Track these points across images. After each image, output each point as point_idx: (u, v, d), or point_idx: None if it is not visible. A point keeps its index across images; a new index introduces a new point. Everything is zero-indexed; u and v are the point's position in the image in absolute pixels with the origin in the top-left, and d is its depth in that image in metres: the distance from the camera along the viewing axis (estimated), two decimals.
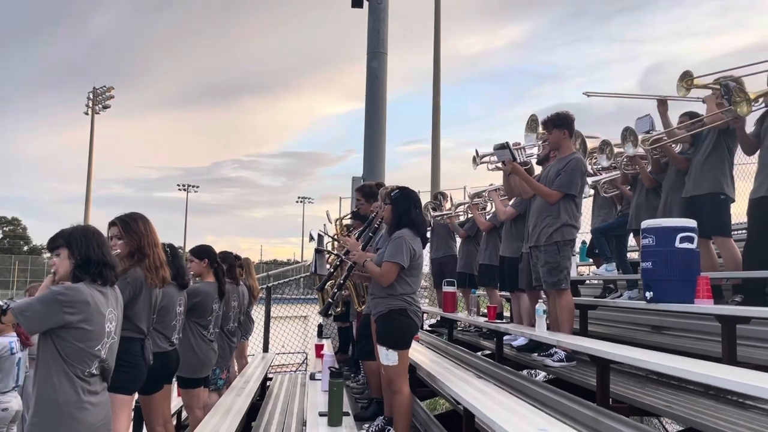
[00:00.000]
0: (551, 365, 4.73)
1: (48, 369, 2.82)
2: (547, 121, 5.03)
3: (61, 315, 2.79)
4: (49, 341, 2.83)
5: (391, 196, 4.21)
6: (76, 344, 2.83)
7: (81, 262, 2.97)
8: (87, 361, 2.87)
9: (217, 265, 5.29)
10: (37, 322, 2.81)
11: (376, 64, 12.16)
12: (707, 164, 4.77)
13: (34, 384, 2.89)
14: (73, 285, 2.91)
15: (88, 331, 2.86)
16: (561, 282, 4.79)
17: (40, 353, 2.88)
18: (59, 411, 2.79)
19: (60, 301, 2.80)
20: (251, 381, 6.32)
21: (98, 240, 3.08)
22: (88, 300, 2.87)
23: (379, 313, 4.00)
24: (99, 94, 38.97)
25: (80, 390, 2.85)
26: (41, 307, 2.79)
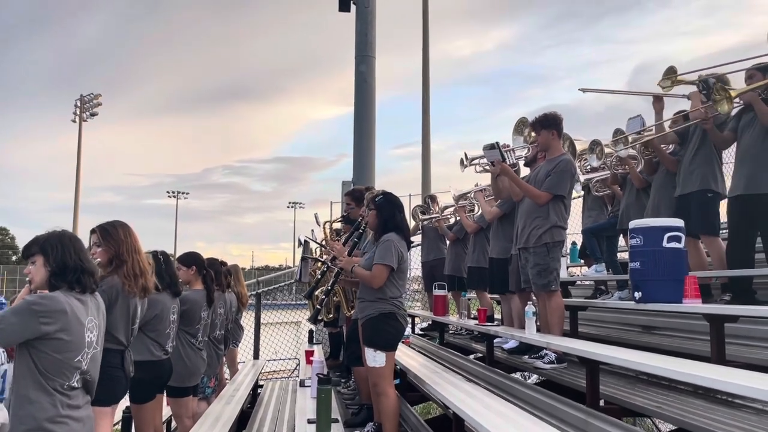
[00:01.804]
0: (542, 367, 4.72)
1: (24, 383, 2.71)
2: (536, 122, 5.03)
3: (37, 326, 2.67)
4: (26, 353, 2.72)
5: (376, 201, 4.21)
6: (53, 355, 2.72)
7: (57, 270, 2.86)
8: (66, 374, 2.77)
9: (206, 273, 5.25)
10: (11, 334, 2.69)
11: (364, 68, 12.15)
12: (695, 162, 4.78)
13: (11, 399, 2.79)
14: (49, 294, 2.81)
15: (66, 342, 2.75)
16: (551, 284, 4.78)
17: (16, 366, 2.76)
18: (36, 427, 2.68)
19: (35, 311, 2.68)
20: (241, 388, 6.26)
21: (75, 246, 2.97)
22: (65, 309, 2.76)
23: (368, 317, 3.98)
24: (86, 102, 38.80)
25: (59, 404, 2.74)
26: (15, 319, 2.68)
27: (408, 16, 30.05)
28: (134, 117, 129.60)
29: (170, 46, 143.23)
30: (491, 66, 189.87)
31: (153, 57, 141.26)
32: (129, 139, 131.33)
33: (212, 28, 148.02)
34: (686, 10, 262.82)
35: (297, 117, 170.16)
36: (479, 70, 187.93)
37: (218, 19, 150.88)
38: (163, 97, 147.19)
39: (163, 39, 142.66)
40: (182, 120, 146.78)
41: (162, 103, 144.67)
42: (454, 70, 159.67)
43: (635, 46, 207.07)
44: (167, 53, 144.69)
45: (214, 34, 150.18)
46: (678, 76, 4.82)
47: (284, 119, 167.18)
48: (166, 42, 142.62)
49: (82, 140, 37.56)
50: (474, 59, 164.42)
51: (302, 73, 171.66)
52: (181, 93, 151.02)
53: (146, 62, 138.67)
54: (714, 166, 4.78)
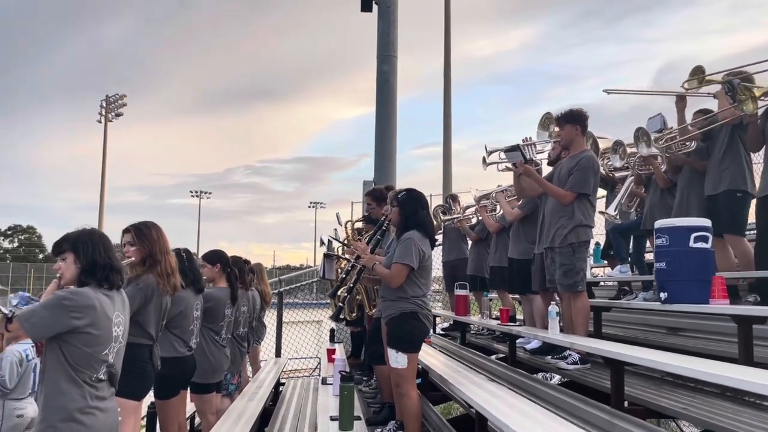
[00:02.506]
0: (565, 368, 4.68)
1: (55, 375, 2.80)
2: (560, 117, 4.99)
3: (68, 320, 2.76)
4: (56, 347, 2.81)
5: (398, 199, 4.21)
6: (83, 349, 2.81)
7: (87, 267, 2.94)
8: (94, 366, 2.85)
9: (230, 270, 5.30)
10: (43, 328, 2.78)
11: (386, 68, 12.17)
12: (724, 162, 4.70)
13: (41, 390, 2.87)
14: (79, 289, 2.89)
15: (95, 336, 2.84)
16: (577, 284, 4.73)
17: (47, 359, 2.85)
18: (67, 417, 2.77)
19: (65, 306, 2.77)
20: (263, 386, 6.32)
21: (104, 244, 3.06)
22: (94, 304, 2.84)
23: (390, 316, 3.98)
24: (112, 102, 39.35)
25: (88, 395, 2.83)
26: (46, 313, 2.77)
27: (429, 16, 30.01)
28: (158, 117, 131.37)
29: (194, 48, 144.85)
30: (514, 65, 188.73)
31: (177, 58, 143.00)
32: (153, 139, 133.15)
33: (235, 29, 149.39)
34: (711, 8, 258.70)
35: (318, 117, 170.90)
36: (501, 70, 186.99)
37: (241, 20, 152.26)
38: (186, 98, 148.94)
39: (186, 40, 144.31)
40: (205, 120, 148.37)
41: (185, 103, 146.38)
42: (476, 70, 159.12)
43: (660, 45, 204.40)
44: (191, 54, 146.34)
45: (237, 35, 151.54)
46: (706, 75, 4.74)
47: (305, 119, 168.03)
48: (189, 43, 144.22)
49: (108, 140, 38.16)
50: (496, 59, 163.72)
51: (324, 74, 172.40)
52: (205, 94, 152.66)
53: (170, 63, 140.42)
54: (743, 165, 4.70)
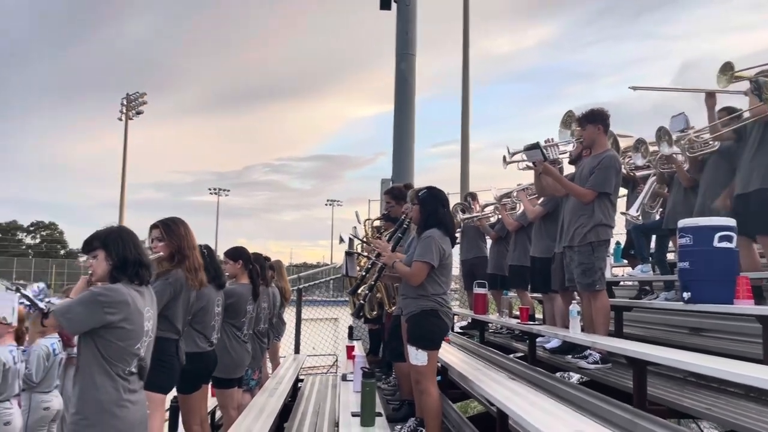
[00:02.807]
0: (586, 367, 4.66)
1: (90, 368, 2.88)
2: (582, 117, 4.97)
3: (102, 315, 2.84)
4: (90, 341, 2.89)
5: (419, 196, 4.22)
6: (116, 343, 2.88)
7: (119, 263, 3.01)
8: (127, 360, 2.93)
9: (252, 267, 5.35)
10: (79, 323, 2.87)
11: (404, 66, 12.18)
12: (756, 160, 4.61)
13: (76, 383, 2.95)
14: (113, 285, 2.96)
15: (129, 330, 2.91)
16: (596, 283, 4.71)
17: (81, 353, 2.94)
18: (101, 409, 2.85)
19: (101, 301, 2.86)
20: (283, 382, 6.37)
21: (133, 240, 3.14)
22: (127, 300, 2.92)
23: (411, 313, 4.00)
24: (132, 100, 39.79)
25: (121, 389, 2.90)
26: (82, 309, 2.85)
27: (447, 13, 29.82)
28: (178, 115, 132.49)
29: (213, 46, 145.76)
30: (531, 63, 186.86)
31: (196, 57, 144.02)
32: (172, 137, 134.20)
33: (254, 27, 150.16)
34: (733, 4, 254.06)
35: (336, 115, 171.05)
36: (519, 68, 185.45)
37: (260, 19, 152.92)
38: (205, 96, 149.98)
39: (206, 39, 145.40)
40: (224, 118, 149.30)
41: (204, 101, 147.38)
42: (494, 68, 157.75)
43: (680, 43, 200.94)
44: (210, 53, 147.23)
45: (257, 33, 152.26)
46: (735, 72, 4.67)
47: (323, 118, 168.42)
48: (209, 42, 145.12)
49: (128, 138, 38.61)
50: (514, 56, 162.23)
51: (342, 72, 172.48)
52: (224, 92, 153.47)
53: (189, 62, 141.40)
54: None
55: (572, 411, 3.18)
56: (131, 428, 2.98)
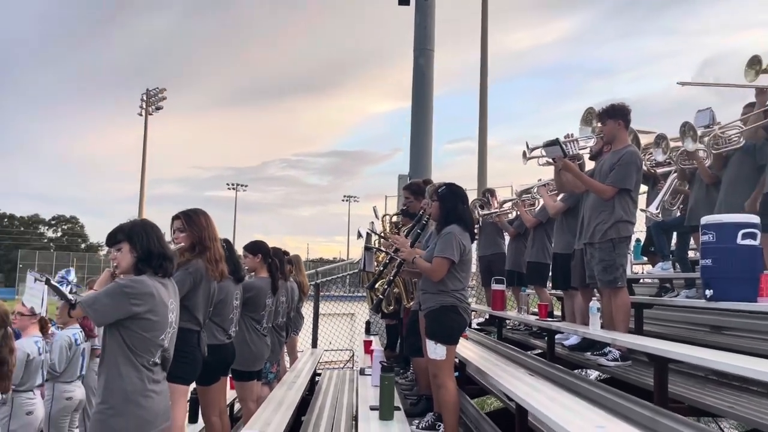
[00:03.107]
0: (605, 364, 4.63)
1: (115, 359, 2.93)
2: (602, 112, 4.93)
3: (129, 306, 2.89)
4: (116, 332, 2.94)
5: (438, 193, 4.22)
6: (141, 334, 2.93)
7: (143, 256, 3.06)
8: (152, 351, 2.98)
9: (271, 261, 5.38)
10: (106, 314, 2.92)
11: (422, 61, 12.16)
12: None
13: (101, 374, 3.00)
14: (138, 277, 3.01)
15: (154, 322, 2.96)
16: (617, 280, 4.68)
17: (107, 344, 2.99)
18: (126, 399, 2.90)
19: (127, 293, 2.90)
20: (301, 375, 6.42)
21: (157, 233, 3.18)
22: (152, 292, 2.97)
23: (429, 309, 4.01)
24: (152, 96, 40.16)
25: (145, 379, 2.95)
26: (109, 300, 2.90)
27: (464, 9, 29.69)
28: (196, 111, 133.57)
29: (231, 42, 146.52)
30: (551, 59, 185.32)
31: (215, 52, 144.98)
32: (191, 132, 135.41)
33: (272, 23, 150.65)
34: None
35: (353, 111, 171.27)
36: (538, 63, 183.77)
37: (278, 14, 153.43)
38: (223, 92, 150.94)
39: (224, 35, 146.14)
40: (242, 114, 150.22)
41: (223, 97, 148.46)
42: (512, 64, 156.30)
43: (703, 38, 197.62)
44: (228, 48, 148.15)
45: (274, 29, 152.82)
46: (764, 67, 4.59)
47: (340, 113, 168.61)
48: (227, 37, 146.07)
49: (148, 133, 38.98)
50: (533, 52, 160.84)
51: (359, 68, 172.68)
52: (242, 87, 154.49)
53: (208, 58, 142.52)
54: None
55: (593, 407, 3.17)
56: (155, 418, 3.03)
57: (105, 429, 2.90)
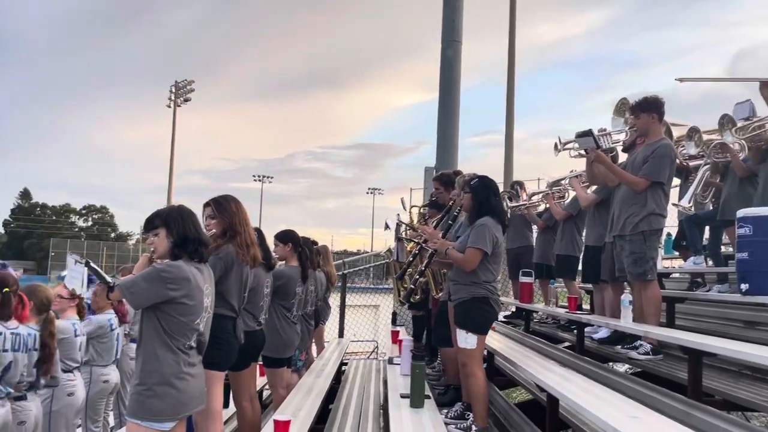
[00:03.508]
0: (636, 358, 4.60)
1: (151, 342, 3.00)
2: (635, 106, 4.88)
3: (165, 291, 2.96)
4: (153, 316, 3.01)
5: (471, 185, 4.23)
6: (178, 318, 3.00)
7: (179, 241, 3.12)
8: (187, 334, 3.04)
9: (301, 250, 5.45)
10: (143, 297, 2.99)
11: (450, 53, 12.09)
12: None
13: (138, 356, 3.08)
14: (175, 262, 3.07)
15: (189, 306, 3.03)
16: (647, 273, 4.64)
17: (144, 328, 3.06)
18: (163, 381, 2.97)
19: (163, 277, 2.97)
20: (329, 364, 6.48)
21: (192, 219, 3.25)
22: (188, 276, 3.03)
23: (461, 299, 4.02)
24: (180, 88, 40.61)
25: (181, 362, 3.02)
26: (146, 284, 2.98)
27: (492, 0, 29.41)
28: (223, 103, 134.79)
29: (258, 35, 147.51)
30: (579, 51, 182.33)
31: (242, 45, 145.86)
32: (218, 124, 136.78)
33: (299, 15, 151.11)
34: None
35: (378, 103, 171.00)
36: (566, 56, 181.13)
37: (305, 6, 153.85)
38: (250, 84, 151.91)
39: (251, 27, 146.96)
40: (268, 106, 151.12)
41: (249, 89, 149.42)
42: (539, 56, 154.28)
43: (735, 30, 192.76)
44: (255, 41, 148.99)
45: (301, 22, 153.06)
46: None
47: (365, 106, 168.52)
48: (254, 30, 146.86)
49: (176, 125, 39.46)
50: (561, 44, 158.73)
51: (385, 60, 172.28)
52: (268, 80, 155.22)
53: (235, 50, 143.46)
54: None
55: (625, 399, 3.16)
56: (190, 400, 3.10)
57: (142, 409, 2.98)
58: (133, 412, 3.01)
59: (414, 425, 3.53)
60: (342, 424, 4.60)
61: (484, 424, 3.92)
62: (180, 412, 3.06)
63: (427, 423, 3.58)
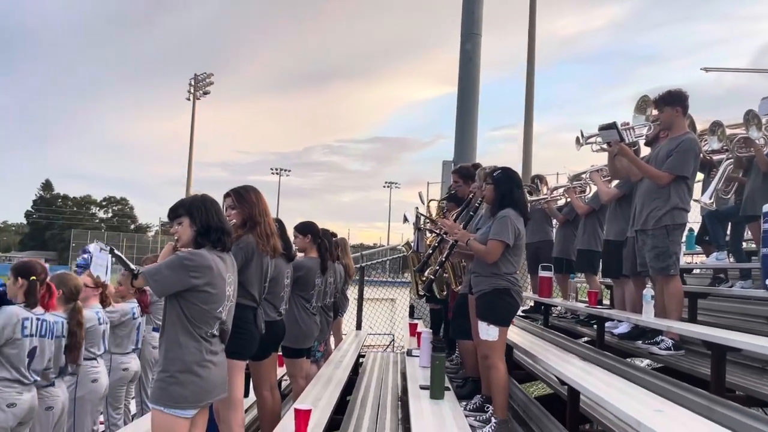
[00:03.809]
0: (658, 353, 4.57)
1: (174, 330, 3.04)
2: (659, 99, 4.82)
3: (187, 279, 2.99)
4: (176, 304, 3.05)
5: (494, 176, 4.22)
6: (200, 306, 3.03)
7: (202, 230, 3.14)
8: (210, 323, 3.07)
9: (320, 242, 5.47)
10: (166, 285, 3.03)
11: (470, 47, 12.01)
12: None
13: (161, 344, 3.12)
14: (198, 251, 3.10)
15: (212, 294, 3.05)
16: (669, 268, 4.60)
17: (167, 316, 3.10)
18: (185, 368, 3.00)
19: (186, 265, 3.01)
20: (347, 356, 6.52)
21: (216, 208, 3.27)
22: (211, 265, 3.06)
23: (482, 291, 4.02)
24: (200, 81, 40.84)
25: (204, 350, 3.06)
26: (169, 272, 3.01)
27: None
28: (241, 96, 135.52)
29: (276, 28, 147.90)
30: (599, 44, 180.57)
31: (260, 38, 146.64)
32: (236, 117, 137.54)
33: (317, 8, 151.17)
34: None
35: (395, 97, 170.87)
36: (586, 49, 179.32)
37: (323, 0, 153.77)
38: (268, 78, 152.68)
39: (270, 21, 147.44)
40: (286, 99, 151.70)
41: (267, 83, 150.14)
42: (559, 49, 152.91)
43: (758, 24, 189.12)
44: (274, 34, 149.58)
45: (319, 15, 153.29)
46: None
47: (382, 99, 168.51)
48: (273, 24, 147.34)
49: (195, 118, 39.72)
50: (581, 37, 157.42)
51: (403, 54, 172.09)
52: (286, 73, 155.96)
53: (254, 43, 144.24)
54: None
55: (648, 392, 3.14)
56: (213, 388, 3.14)
57: (165, 396, 3.01)
58: (155, 399, 3.05)
59: (434, 416, 3.54)
60: (360, 414, 4.63)
61: (504, 416, 3.92)
62: (202, 400, 3.10)
63: (447, 414, 3.59)
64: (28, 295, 4.25)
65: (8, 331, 4.01)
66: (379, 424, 4.33)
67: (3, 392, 4.01)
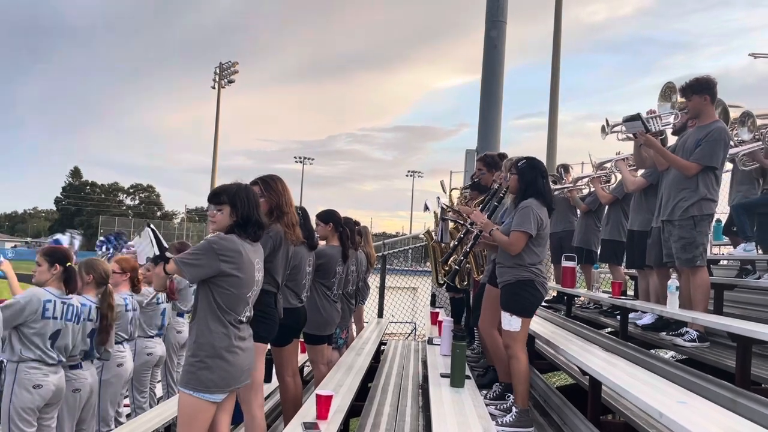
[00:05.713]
0: (682, 345, 4.51)
1: (205, 315, 3.11)
2: (686, 87, 4.71)
3: (217, 263, 3.04)
4: (207, 290, 3.11)
5: (518, 166, 4.18)
6: (231, 291, 3.09)
7: (241, 221, 3.19)
8: (239, 308, 3.13)
9: (342, 230, 5.50)
10: (197, 270, 3.08)
11: (495, 34, 11.88)
12: None
13: (192, 329, 3.20)
14: (226, 235, 3.15)
15: (241, 279, 3.11)
16: (696, 258, 4.53)
17: (198, 302, 3.16)
18: (214, 353, 3.07)
19: (215, 249, 3.06)
20: (369, 343, 6.56)
21: (256, 201, 3.32)
22: (240, 250, 3.11)
23: (506, 282, 4.00)
24: (225, 69, 41.09)
25: (232, 336, 3.12)
26: (200, 258, 3.07)
27: None
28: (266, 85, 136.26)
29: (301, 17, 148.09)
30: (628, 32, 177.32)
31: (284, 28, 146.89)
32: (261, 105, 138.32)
33: None
34: None
35: (419, 86, 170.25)
36: (614, 37, 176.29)
37: None
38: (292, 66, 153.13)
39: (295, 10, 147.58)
40: (310, 88, 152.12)
41: (291, 71, 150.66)
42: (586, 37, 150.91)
43: None
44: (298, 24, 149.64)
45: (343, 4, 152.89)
46: None
47: (406, 88, 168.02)
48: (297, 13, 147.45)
49: (220, 106, 40.00)
50: (609, 25, 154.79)
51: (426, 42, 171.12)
52: (310, 62, 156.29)
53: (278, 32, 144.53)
54: None
55: (672, 384, 3.11)
56: (240, 373, 3.20)
57: (193, 380, 3.08)
58: (185, 383, 3.12)
59: (454, 404, 3.55)
60: (381, 401, 4.66)
61: (525, 405, 3.91)
62: (230, 385, 3.16)
63: (467, 402, 3.60)
64: (67, 281, 4.33)
65: (29, 311, 4.10)
66: (400, 410, 4.36)
67: (29, 373, 4.11)
